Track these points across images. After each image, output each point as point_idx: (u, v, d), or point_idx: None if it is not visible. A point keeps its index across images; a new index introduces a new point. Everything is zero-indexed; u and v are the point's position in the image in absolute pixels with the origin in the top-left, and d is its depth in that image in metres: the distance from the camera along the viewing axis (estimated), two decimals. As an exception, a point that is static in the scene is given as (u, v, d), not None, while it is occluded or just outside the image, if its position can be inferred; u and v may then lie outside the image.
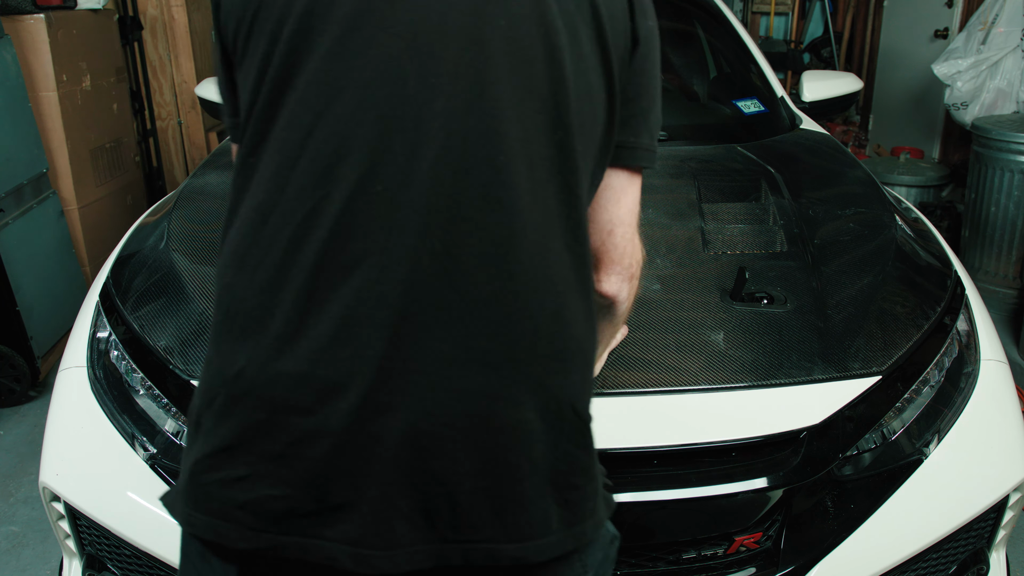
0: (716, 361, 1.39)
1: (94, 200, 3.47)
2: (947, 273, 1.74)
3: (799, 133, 2.41)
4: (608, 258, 0.96)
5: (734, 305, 1.51)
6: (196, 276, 1.60)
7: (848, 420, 1.38)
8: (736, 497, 1.30)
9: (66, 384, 1.57)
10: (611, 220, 0.94)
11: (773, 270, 1.63)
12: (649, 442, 1.30)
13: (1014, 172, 3.62)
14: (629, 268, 0.98)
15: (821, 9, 6.15)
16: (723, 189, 1.95)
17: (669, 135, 2.29)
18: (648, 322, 1.47)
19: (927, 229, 1.94)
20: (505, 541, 0.80)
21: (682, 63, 2.81)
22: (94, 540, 1.50)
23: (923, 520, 1.40)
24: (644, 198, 1.87)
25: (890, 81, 5.67)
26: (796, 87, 2.82)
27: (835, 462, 1.36)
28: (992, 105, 4.12)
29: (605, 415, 1.32)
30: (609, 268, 0.97)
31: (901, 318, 1.54)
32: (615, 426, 1.31)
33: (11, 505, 2.41)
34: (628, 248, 0.97)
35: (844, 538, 1.35)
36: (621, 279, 0.98)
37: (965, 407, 1.49)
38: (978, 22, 4.18)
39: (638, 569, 1.34)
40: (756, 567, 1.35)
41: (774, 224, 1.79)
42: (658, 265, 1.63)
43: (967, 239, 3.93)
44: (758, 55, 2.72)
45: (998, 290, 3.78)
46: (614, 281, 0.97)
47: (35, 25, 3.09)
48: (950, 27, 5.01)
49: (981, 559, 1.53)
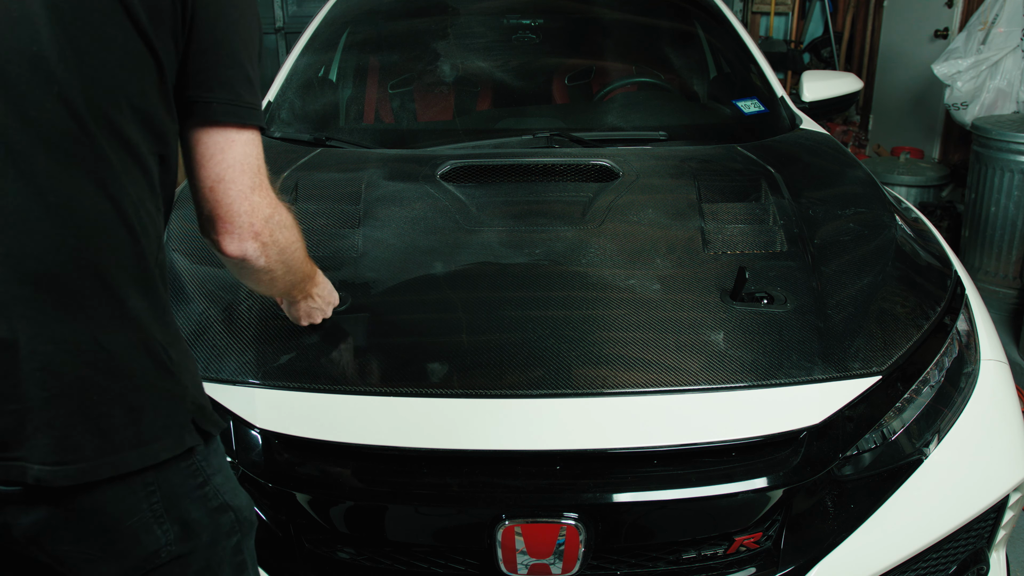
0: (716, 361, 1.39)
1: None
2: (947, 273, 1.74)
3: (799, 133, 2.41)
4: (218, 217, 0.98)
5: (734, 305, 1.51)
6: (196, 276, 1.60)
7: (848, 420, 1.38)
8: (736, 497, 1.30)
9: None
10: (209, 177, 0.96)
11: (773, 270, 1.63)
12: (649, 442, 1.30)
13: (1014, 172, 3.62)
14: (250, 227, 0.99)
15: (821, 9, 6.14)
16: (723, 189, 1.95)
17: (669, 135, 2.29)
18: (648, 322, 1.47)
19: (927, 229, 1.95)
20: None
21: (682, 63, 2.81)
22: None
23: (923, 520, 1.40)
24: (644, 198, 1.89)
25: (890, 81, 5.67)
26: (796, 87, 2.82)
27: (835, 462, 1.36)
28: (992, 105, 4.11)
29: (605, 415, 1.33)
30: (222, 228, 0.98)
31: (901, 318, 1.54)
32: (615, 426, 1.31)
33: (11, 505, 2.41)
34: (242, 207, 0.98)
35: (844, 538, 1.35)
36: (240, 239, 0.99)
37: (965, 407, 1.50)
38: (978, 22, 4.18)
39: (638, 569, 1.34)
40: (756, 567, 1.35)
41: (774, 224, 1.79)
42: (658, 265, 1.63)
43: (967, 239, 3.93)
44: (758, 55, 2.72)
45: (998, 290, 3.78)
46: (230, 241, 0.99)
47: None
48: (950, 27, 5.01)
49: (981, 559, 1.53)
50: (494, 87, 2.62)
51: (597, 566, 1.33)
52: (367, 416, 1.33)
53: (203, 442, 0.98)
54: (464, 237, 1.71)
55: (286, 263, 1.09)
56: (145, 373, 0.92)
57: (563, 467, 1.30)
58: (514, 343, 1.43)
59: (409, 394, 1.35)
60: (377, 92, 2.65)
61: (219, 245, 1.01)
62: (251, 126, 0.98)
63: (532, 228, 1.75)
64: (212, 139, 0.96)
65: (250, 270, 1.06)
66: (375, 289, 1.57)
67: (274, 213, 1.02)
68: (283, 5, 5.85)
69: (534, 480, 1.29)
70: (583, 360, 1.39)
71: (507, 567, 1.28)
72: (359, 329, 1.48)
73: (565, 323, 1.47)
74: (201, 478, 0.98)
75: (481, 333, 1.47)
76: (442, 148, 2.20)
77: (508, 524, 1.26)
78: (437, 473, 1.30)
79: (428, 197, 1.87)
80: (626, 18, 2.87)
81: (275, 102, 2.47)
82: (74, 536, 0.91)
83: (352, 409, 1.34)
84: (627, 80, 2.71)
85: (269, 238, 1.02)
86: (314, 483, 1.31)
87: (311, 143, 2.27)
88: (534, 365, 1.38)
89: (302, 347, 1.43)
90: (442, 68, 2.60)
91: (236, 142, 0.97)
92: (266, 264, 1.04)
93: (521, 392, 1.35)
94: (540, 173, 2.01)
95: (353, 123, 2.58)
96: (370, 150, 2.24)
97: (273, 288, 1.17)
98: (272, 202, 1.02)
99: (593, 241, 1.70)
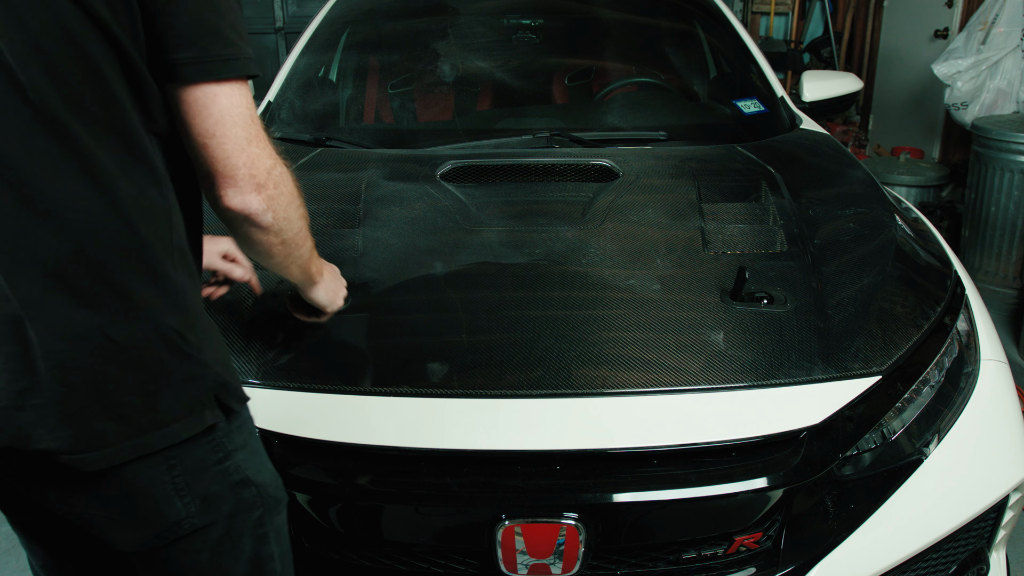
0: (716, 361, 1.39)
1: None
2: (947, 273, 1.74)
3: (799, 133, 2.41)
4: (216, 172, 0.95)
5: (734, 305, 1.51)
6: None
7: (848, 420, 1.38)
8: (736, 497, 1.30)
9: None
10: (200, 135, 0.93)
11: (773, 270, 1.63)
12: (649, 442, 1.30)
13: (1014, 172, 3.62)
14: (251, 179, 0.95)
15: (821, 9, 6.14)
16: (723, 189, 1.95)
17: (669, 135, 2.29)
18: (648, 322, 1.47)
19: (927, 229, 1.95)
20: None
21: (682, 63, 2.82)
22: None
23: (923, 520, 1.40)
24: (644, 198, 1.89)
25: (890, 81, 5.67)
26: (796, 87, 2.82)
27: (835, 462, 1.36)
28: (992, 105, 4.12)
29: (605, 415, 1.33)
30: (222, 182, 0.95)
31: (901, 318, 1.54)
32: (616, 426, 1.31)
33: (11, 505, 2.41)
34: (240, 158, 0.94)
35: (844, 538, 1.35)
36: (242, 191, 0.96)
37: (965, 407, 1.50)
38: (978, 22, 4.18)
39: (638, 569, 1.34)
40: (756, 567, 1.35)
41: (774, 224, 1.79)
42: (658, 265, 1.63)
43: (967, 239, 3.93)
44: (758, 55, 2.72)
45: (998, 290, 3.78)
46: (233, 195, 0.96)
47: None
48: (950, 27, 5.01)
49: (981, 559, 1.53)
50: (494, 87, 2.62)
51: (597, 566, 1.33)
52: (367, 416, 1.33)
53: (224, 418, 0.99)
54: (464, 237, 1.71)
55: (291, 222, 1.03)
56: (159, 359, 0.93)
57: (563, 467, 1.30)
58: (514, 343, 1.43)
59: (409, 394, 1.35)
60: (377, 92, 2.65)
61: (221, 200, 0.96)
62: (229, 79, 0.93)
63: (532, 228, 1.75)
64: (192, 98, 0.92)
65: (255, 230, 1.00)
66: (375, 289, 1.57)
67: (276, 165, 0.98)
68: (283, 5, 5.85)
69: (534, 480, 1.29)
70: (583, 360, 1.39)
71: (507, 567, 1.29)
72: (359, 329, 1.48)
73: (565, 323, 1.47)
74: (222, 453, 1.00)
75: (481, 333, 1.47)
76: (442, 148, 2.20)
77: (508, 524, 1.26)
78: (437, 473, 1.30)
79: (428, 197, 1.87)
80: (626, 18, 2.87)
81: (275, 102, 2.47)
82: (100, 503, 0.95)
83: (352, 409, 1.34)
84: (627, 80, 2.71)
85: (274, 190, 0.98)
86: (314, 483, 1.31)
87: (311, 143, 2.27)
88: (534, 365, 1.38)
89: (302, 347, 1.43)
90: (442, 68, 2.60)
91: (218, 95, 0.93)
92: (273, 221, 1.00)
93: (521, 392, 1.35)
94: (540, 173, 2.01)
95: (353, 123, 2.58)
96: (370, 150, 2.24)
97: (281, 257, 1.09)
98: (271, 154, 0.98)
99: (593, 241, 1.70)
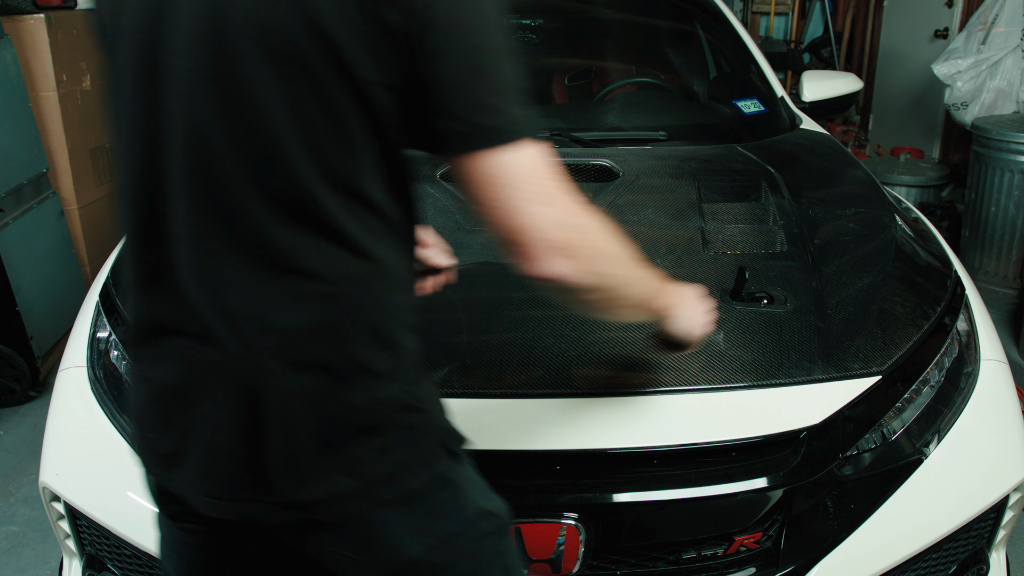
0: (716, 361, 1.39)
1: (94, 200, 3.47)
2: (947, 273, 1.74)
3: (799, 133, 2.41)
4: (508, 242, 0.87)
5: (734, 305, 1.51)
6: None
7: (848, 420, 1.38)
8: (736, 497, 1.30)
9: (66, 384, 1.57)
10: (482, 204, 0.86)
11: (773, 270, 1.63)
12: (649, 442, 1.30)
13: (1014, 172, 3.62)
14: (543, 242, 0.86)
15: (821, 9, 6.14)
16: (723, 189, 1.95)
17: (669, 135, 2.29)
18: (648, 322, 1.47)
19: (927, 229, 1.94)
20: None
21: (682, 63, 2.82)
22: (94, 540, 1.50)
23: (923, 520, 1.40)
24: (644, 198, 1.88)
25: (890, 81, 5.67)
26: (796, 87, 2.82)
27: (835, 462, 1.36)
28: (992, 105, 4.12)
29: (605, 415, 1.33)
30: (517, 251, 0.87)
31: (901, 318, 1.54)
32: (616, 426, 1.31)
33: (11, 505, 2.41)
34: (524, 220, 0.85)
35: (844, 538, 1.35)
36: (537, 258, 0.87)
37: (965, 407, 1.49)
38: (978, 22, 4.18)
39: (638, 569, 1.34)
40: (756, 567, 1.35)
41: (774, 224, 1.79)
42: (658, 265, 1.63)
43: (967, 239, 3.93)
44: (758, 55, 2.72)
45: (998, 290, 3.78)
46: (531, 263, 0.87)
47: (35, 25, 3.09)
48: (950, 27, 5.01)
49: (981, 559, 1.53)
50: (494, 87, 2.61)
51: (597, 566, 1.33)
52: (367, 416, 1.33)
53: (450, 460, 0.97)
54: (464, 237, 1.71)
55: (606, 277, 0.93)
56: (388, 417, 0.91)
57: (563, 467, 1.30)
58: (514, 343, 1.43)
59: (409, 394, 1.35)
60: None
61: (523, 271, 0.88)
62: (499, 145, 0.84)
63: (532, 228, 1.75)
64: (466, 168, 0.85)
65: (575, 292, 0.91)
66: (375, 289, 1.57)
67: (569, 218, 0.87)
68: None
69: (534, 480, 1.29)
70: (583, 360, 1.39)
71: (507, 567, 1.28)
72: (359, 329, 1.48)
73: (565, 323, 1.47)
74: (451, 489, 0.97)
75: (481, 333, 1.47)
76: (442, 148, 2.19)
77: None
78: (437, 473, 1.30)
79: (428, 197, 1.87)
80: (626, 18, 2.87)
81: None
82: (335, 539, 0.94)
83: (352, 409, 1.34)
84: (627, 80, 2.71)
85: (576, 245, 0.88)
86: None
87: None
88: (534, 365, 1.38)
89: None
90: (442, 68, 2.60)
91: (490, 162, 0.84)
92: (582, 280, 0.90)
93: (521, 392, 1.35)
94: (540, 173, 2.01)
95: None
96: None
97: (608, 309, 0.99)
98: (564, 207, 0.87)
99: (593, 241, 1.69)
